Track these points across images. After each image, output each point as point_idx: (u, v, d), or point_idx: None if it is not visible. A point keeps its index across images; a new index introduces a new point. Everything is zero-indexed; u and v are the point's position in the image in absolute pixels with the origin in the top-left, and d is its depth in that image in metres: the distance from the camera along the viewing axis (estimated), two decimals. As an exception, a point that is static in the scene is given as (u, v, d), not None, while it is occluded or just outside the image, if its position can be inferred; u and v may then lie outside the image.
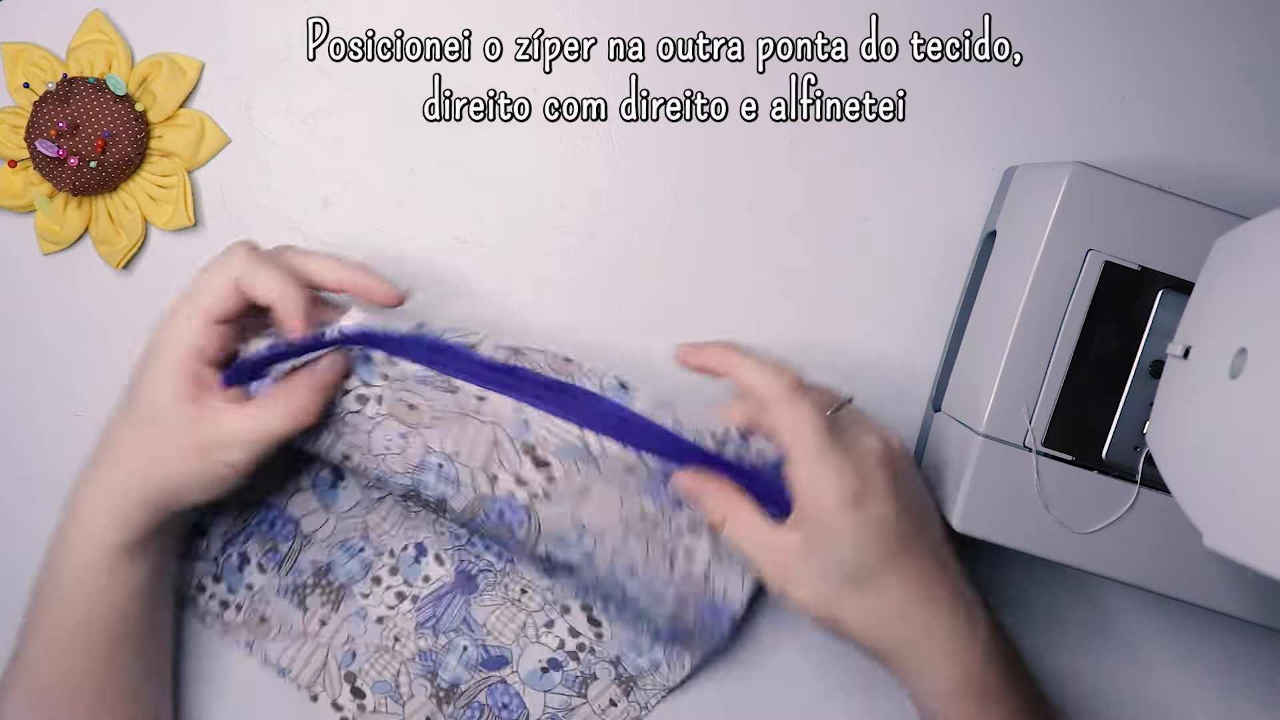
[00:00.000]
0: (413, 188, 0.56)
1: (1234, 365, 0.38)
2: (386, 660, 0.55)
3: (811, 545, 0.45)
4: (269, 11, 0.55)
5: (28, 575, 0.56)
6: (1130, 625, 0.58)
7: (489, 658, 0.56)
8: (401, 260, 0.56)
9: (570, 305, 0.56)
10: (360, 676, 0.55)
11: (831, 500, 0.44)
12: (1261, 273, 0.39)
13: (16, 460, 0.56)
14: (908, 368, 0.57)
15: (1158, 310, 0.48)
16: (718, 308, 0.56)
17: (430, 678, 0.55)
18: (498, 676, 0.56)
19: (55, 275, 0.55)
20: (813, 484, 0.45)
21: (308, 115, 0.55)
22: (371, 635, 0.55)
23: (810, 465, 0.45)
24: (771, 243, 0.56)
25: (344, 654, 0.55)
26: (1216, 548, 0.36)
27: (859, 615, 0.46)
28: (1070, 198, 0.48)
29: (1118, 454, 0.49)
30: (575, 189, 0.56)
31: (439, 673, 0.55)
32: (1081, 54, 0.56)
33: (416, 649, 0.55)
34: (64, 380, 0.56)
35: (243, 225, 0.55)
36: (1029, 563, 0.57)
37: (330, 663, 0.55)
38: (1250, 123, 0.56)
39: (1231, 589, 0.49)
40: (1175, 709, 0.59)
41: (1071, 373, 0.49)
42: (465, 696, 0.55)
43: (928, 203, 0.56)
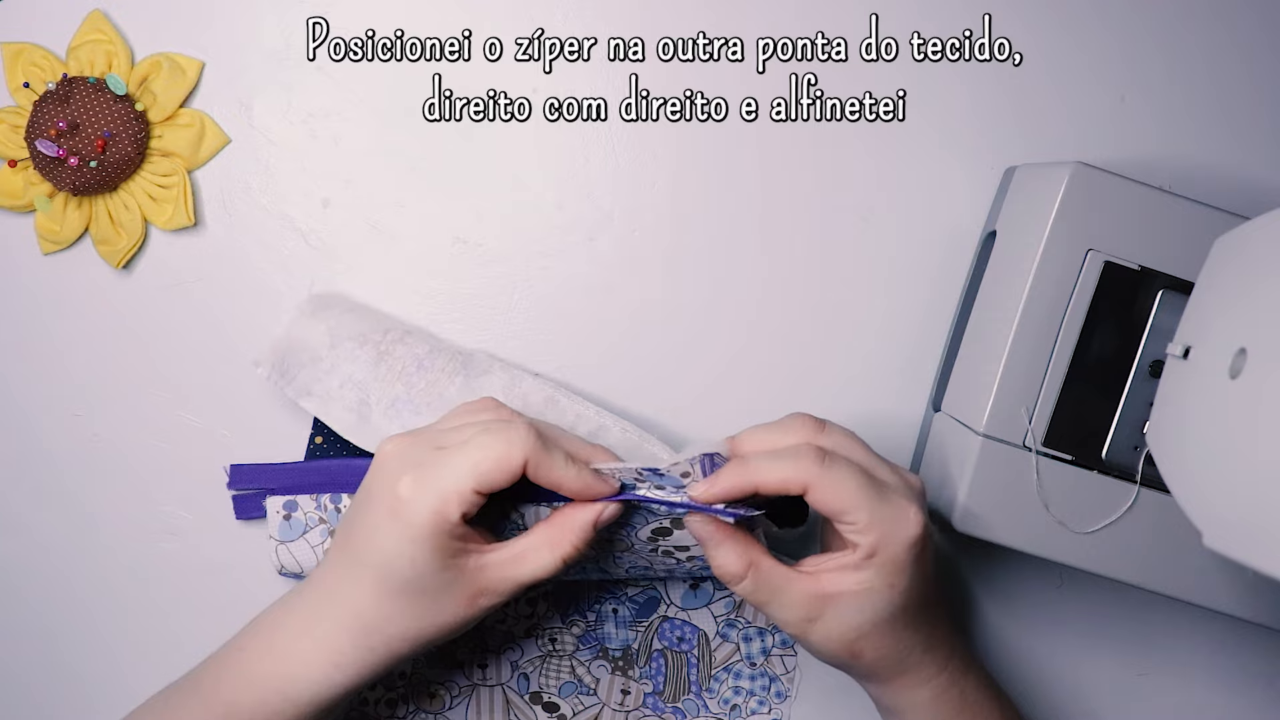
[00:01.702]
0: (413, 188, 0.56)
1: (1234, 365, 0.38)
2: (556, 663, 0.56)
3: (885, 579, 0.44)
4: (269, 11, 0.55)
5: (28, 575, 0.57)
6: (1130, 625, 0.58)
7: (641, 605, 0.56)
8: (401, 260, 0.56)
9: (570, 305, 0.56)
10: (544, 691, 0.56)
11: (907, 539, 0.44)
12: (1261, 273, 0.39)
13: (16, 460, 0.56)
14: (908, 368, 0.57)
15: (1158, 310, 0.48)
16: (718, 308, 0.56)
17: (603, 654, 0.56)
18: (659, 616, 0.56)
19: (55, 275, 0.55)
20: (884, 527, 0.44)
21: (308, 115, 0.55)
22: (530, 651, 0.56)
23: (872, 513, 0.44)
24: (771, 243, 0.56)
25: (517, 681, 0.56)
26: (1216, 548, 0.35)
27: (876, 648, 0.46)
28: (1070, 198, 0.48)
29: (1117, 454, 0.49)
30: (575, 189, 0.56)
31: (607, 645, 0.56)
32: (1081, 54, 0.56)
33: (575, 638, 0.56)
34: (64, 380, 0.56)
35: (243, 225, 0.55)
36: (1029, 563, 0.57)
37: (511, 696, 0.56)
38: (1250, 123, 0.56)
39: (1231, 589, 0.49)
40: (1175, 709, 0.59)
41: (1071, 373, 0.49)
42: (642, 652, 0.56)
43: (928, 203, 0.56)
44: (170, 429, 0.56)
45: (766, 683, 0.57)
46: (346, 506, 0.52)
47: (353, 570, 0.44)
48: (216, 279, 0.55)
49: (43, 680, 0.56)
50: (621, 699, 0.56)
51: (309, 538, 0.52)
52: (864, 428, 0.57)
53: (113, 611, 0.56)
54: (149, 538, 0.56)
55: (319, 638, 0.45)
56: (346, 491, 0.52)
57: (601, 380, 0.56)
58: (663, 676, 0.56)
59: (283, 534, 0.53)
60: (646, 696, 0.56)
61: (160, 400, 0.56)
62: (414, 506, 0.42)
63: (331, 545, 0.47)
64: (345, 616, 0.44)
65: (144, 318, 0.56)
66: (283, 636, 0.45)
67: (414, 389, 0.52)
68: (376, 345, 0.53)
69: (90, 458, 0.56)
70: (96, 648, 0.57)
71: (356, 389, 0.52)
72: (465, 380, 0.52)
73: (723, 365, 0.57)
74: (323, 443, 0.54)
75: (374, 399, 0.52)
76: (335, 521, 0.52)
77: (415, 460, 0.43)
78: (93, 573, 0.56)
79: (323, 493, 0.53)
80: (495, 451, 0.42)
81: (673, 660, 0.56)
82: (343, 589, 0.45)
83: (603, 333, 0.56)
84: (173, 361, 0.56)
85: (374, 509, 0.43)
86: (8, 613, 0.56)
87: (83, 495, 0.56)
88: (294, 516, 0.52)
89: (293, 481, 0.53)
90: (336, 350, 0.53)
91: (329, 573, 0.45)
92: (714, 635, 0.56)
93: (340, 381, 0.52)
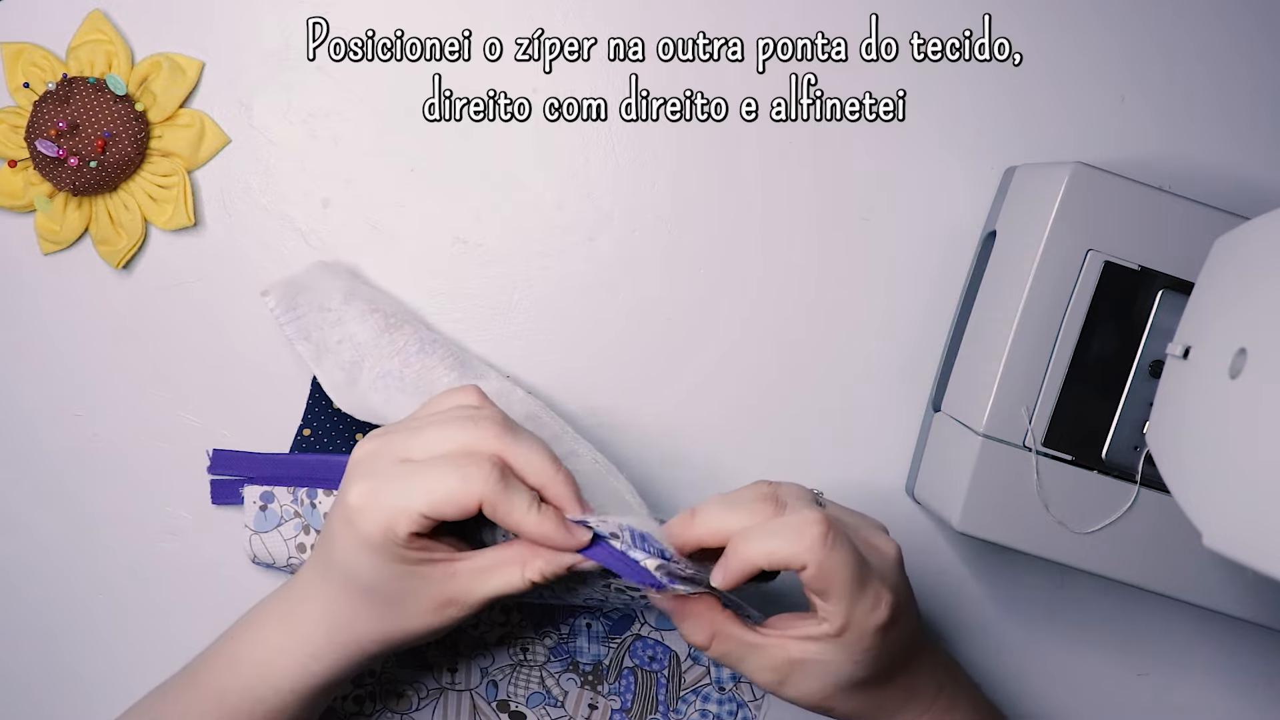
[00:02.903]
0: (413, 188, 0.56)
1: (1234, 365, 0.38)
2: (526, 673, 0.56)
3: (850, 655, 0.44)
4: (269, 11, 0.55)
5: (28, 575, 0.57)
6: (1130, 625, 0.58)
7: (615, 622, 0.56)
8: (401, 260, 0.56)
9: (570, 305, 0.56)
10: (512, 700, 0.56)
11: (876, 624, 0.44)
12: (1261, 273, 0.39)
13: (16, 460, 0.56)
14: (908, 368, 0.57)
15: (1158, 310, 0.48)
16: (717, 308, 0.56)
17: (574, 668, 0.56)
18: (632, 634, 0.56)
19: (55, 275, 0.55)
20: (855, 613, 0.44)
21: (308, 115, 0.55)
22: (501, 659, 0.56)
23: (853, 598, 0.43)
24: (771, 243, 0.56)
25: (486, 688, 0.56)
26: (1216, 548, 0.35)
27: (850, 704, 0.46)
28: (1070, 198, 0.48)
29: (1117, 454, 0.49)
30: (575, 189, 0.56)
31: (578, 659, 0.56)
32: (1081, 54, 0.56)
33: (546, 649, 0.56)
34: (64, 380, 0.56)
35: (243, 225, 0.55)
36: (1029, 563, 0.57)
37: (479, 702, 0.56)
38: (1250, 123, 0.56)
39: (1231, 589, 0.49)
40: (1175, 709, 0.59)
41: (1071, 373, 0.49)
42: (612, 669, 0.56)
43: (928, 203, 0.56)
44: (170, 429, 0.56)
45: (734, 708, 0.56)
46: (321, 503, 0.53)
47: (325, 570, 0.45)
48: (216, 279, 0.55)
49: (43, 680, 0.56)
50: (589, 713, 0.56)
51: (283, 530, 0.53)
52: (864, 428, 0.57)
53: (113, 611, 0.56)
54: (149, 538, 0.56)
55: (296, 631, 0.46)
56: (323, 487, 0.53)
57: (601, 379, 0.56)
58: (631, 694, 0.56)
59: (258, 524, 0.53)
60: (614, 713, 0.56)
61: (160, 400, 0.56)
62: (364, 517, 0.42)
63: (316, 541, 0.47)
64: (319, 613, 0.45)
65: (144, 318, 0.56)
66: (267, 627, 0.47)
67: (408, 368, 0.52)
68: (386, 317, 0.53)
69: (90, 458, 0.56)
70: (96, 648, 0.57)
71: (354, 349, 0.52)
72: (459, 377, 0.52)
73: (722, 364, 0.57)
74: (310, 435, 0.54)
75: (368, 364, 0.52)
76: (310, 516, 0.53)
77: (376, 470, 0.43)
78: (93, 573, 0.56)
79: (300, 486, 0.53)
80: (450, 486, 0.41)
81: (642, 679, 0.56)
82: (317, 586, 0.46)
83: (603, 332, 0.56)
84: (173, 361, 0.56)
85: (336, 512, 0.44)
86: (8, 613, 0.56)
87: (83, 495, 0.56)
88: (270, 508, 0.53)
89: (271, 472, 0.54)
90: (348, 306, 0.53)
91: (309, 569, 0.47)
92: (685, 657, 0.56)
93: (340, 337, 0.52)
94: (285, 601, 0.47)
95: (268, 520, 0.53)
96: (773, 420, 0.57)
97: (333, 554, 0.44)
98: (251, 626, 0.47)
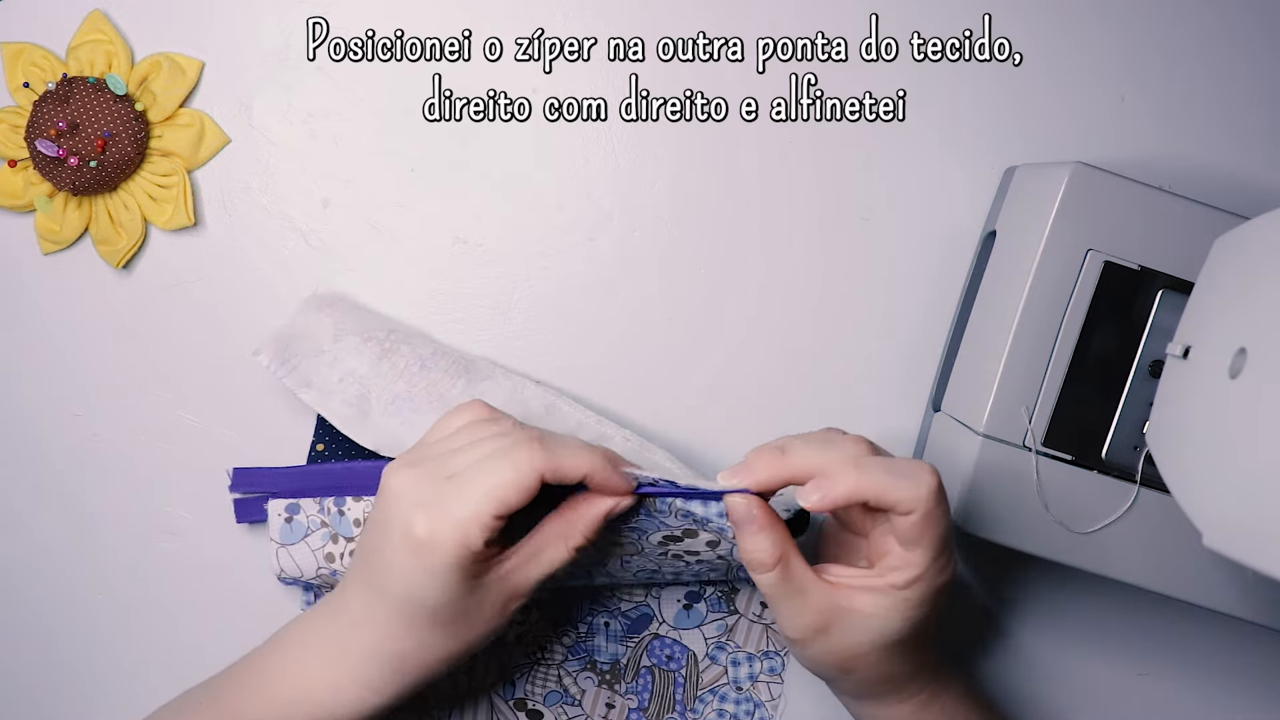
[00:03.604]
0: (413, 188, 0.56)
1: (1234, 365, 0.38)
2: (544, 672, 0.56)
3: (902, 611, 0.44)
4: (269, 11, 0.55)
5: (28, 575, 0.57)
6: (1130, 625, 0.58)
7: (633, 621, 0.56)
8: (401, 260, 0.56)
9: (570, 305, 0.56)
10: (529, 699, 0.56)
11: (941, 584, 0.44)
12: (1261, 273, 0.39)
13: (16, 460, 0.56)
14: (908, 368, 0.57)
15: (1158, 310, 0.48)
16: (718, 308, 0.57)
17: (591, 667, 0.56)
18: (650, 634, 0.56)
19: (55, 275, 0.55)
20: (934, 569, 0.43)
21: (308, 115, 0.55)
22: (518, 657, 0.56)
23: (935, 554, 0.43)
24: (771, 243, 0.56)
25: (503, 688, 0.56)
26: (1216, 548, 0.35)
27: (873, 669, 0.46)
28: (1070, 198, 0.48)
29: (1117, 454, 0.49)
30: (575, 189, 0.56)
31: (596, 658, 0.56)
32: (1081, 54, 0.56)
33: (564, 648, 0.56)
34: (64, 380, 0.56)
35: (243, 225, 0.55)
36: (1029, 563, 0.57)
37: (496, 701, 0.56)
38: (1250, 123, 0.56)
39: (1231, 589, 0.49)
40: (1175, 709, 0.59)
41: (1071, 373, 0.49)
42: (630, 668, 0.56)
43: (928, 203, 0.56)
44: (170, 429, 0.56)
45: (751, 708, 0.56)
46: (349, 509, 0.52)
47: (379, 604, 0.43)
48: (216, 279, 0.55)
49: (43, 680, 0.56)
50: (606, 712, 0.56)
51: (310, 541, 0.52)
52: (864, 428, 0.57)
53: (113, 611, 0.56)
54: (149, 538, 0.56)
55: (349, 668, 0.44)
56: (350, 494, 0.52)
57: (602, 379, 0.56)
58: (649, 693, 0.56)
59: (284, 537, 0.52)
60: (631, 712, 0.56)
61: (160, 400, 0.56)
62: (435, 543, 0.41)
63: (349, 573, 0.46)
64: (376, 648, 0.44)
65: (144, 318, 0.56)
66: (309, 664, 0.45)
67: (415, 387, 0.52)
68: (380, 343, 0.53)
69: (90, 458, 0.56)
70: (97, 648, 0.57)
71: (357, 384, 0.52)
72: (468, 383, 0.52)
73: (722, 365, 0.57)
74: (324, 450, 0.54)
75: (374, 394, 0.52)
76: (337, 524, 0.52)
77: (427, 496, 0.42)
78: (93, 573, 0.56)
79: (326, 496, 0.52)
80: (508, 475, 0.41)
81: (660, 678, 0.56)
82: (372, 622, 0.44)
83: (603, 332, 0.56)
84: (173, 361, 0.56)
85: (392, 548, 0.42)
86: (8, 613, 0.56)
87: (83, 495, 0.56)
88: (295, 519, 0.52)
89: (295, 485, 0.53)
90: (340, 343, 0.52)
91: (352, 603, 0.45)
92: (703, 656, 0.56)
93: (341, 375, 0.52)
94: (328, 638, 0.45)
95: (294, 532, 0.52)
96: (773, 420, 0.57)
97: (390, 587, 0.43)
98: (287, 657, 0.45)
